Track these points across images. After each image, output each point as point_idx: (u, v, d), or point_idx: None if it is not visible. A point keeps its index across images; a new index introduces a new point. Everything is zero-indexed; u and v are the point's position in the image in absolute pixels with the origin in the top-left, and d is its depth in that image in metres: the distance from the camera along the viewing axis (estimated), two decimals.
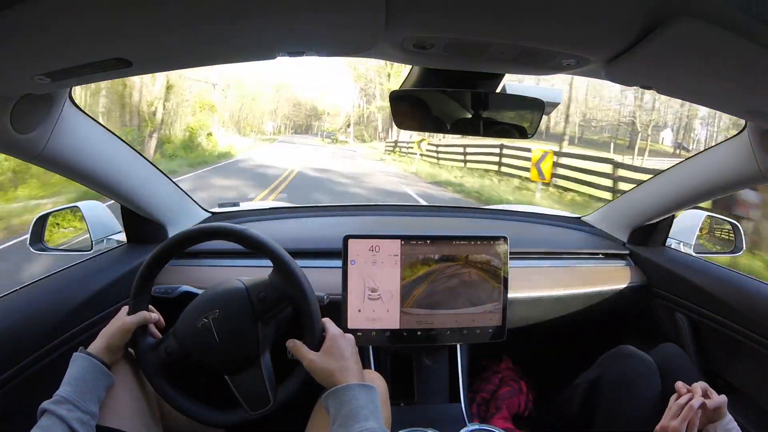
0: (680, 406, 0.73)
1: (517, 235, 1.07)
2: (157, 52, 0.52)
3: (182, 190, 1.20)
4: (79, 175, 0.83)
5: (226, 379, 0.73)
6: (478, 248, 1.02)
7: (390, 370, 1.10)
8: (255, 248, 0.74)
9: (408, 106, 0.80)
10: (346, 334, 0.73)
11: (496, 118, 0.80)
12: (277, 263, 0.73)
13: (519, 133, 0.81)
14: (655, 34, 0.45)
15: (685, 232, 1.27)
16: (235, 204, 1.48)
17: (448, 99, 0.78)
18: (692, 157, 1.07)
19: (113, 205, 1.09)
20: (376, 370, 1.00)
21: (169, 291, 0.99)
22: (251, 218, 1.37)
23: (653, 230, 1.26)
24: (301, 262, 0.76)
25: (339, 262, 0.98)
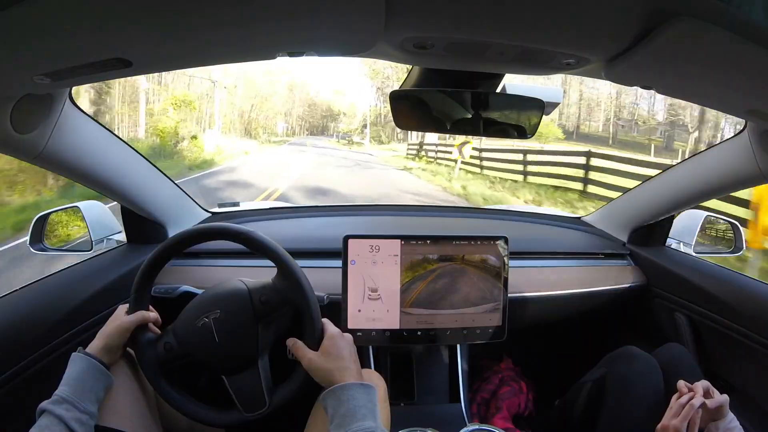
0: (681, 405, 0.73)
1: (517, 235, 1.07)
2: (157, 52, 0.52)
3: (182, 190, 1.20)
4: (79, 175, 0.83)
5: (223, 379, 0.73)
6: (478, 248, 1.01)
7: (390, 370, 1.10)
8: (260, 251, 0.74)
9: (408, 106, 0.80)
10: (345, 334, 0.73)
11: (496, 118, 0.80)
12: (282, 268, 0.73)
13: (518, 133, 0.81)
14: (655, 34, 0.45)
15: (685, 232, 1.27)
16: (235, 204, 1.48)
17: (448, 99, 0.78)
18: (692, 158, 1.07)
19: (113, 206, 1.09)
20: (376, 369, 1.00)
21: (169, 291, 0.98)
22: (251, 218, 1.37)
23: (653, 230, 1.26)
24: (301, 262, 0.76)
25: (339, 262, 0.98)
